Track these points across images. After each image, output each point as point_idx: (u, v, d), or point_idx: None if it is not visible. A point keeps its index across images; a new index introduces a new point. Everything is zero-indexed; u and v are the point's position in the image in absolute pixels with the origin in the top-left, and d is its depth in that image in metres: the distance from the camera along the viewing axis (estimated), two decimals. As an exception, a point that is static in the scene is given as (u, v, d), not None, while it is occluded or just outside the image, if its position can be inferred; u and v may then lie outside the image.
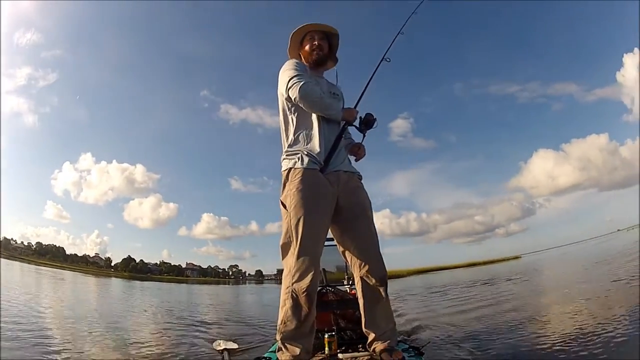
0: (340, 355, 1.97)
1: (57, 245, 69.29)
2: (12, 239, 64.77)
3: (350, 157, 1.93)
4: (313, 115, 1.78)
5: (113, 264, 67.80)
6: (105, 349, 3.53)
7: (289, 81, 1.74)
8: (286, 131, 1.84)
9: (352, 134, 1.99)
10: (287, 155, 1.78)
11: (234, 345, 3.32)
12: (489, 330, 3.70)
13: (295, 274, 1.59)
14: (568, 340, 2.82)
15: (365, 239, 1.74)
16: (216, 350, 3.23)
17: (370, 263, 1.70)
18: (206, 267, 74.48)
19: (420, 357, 1.87)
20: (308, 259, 1.59)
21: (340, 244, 1.81)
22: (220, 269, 74.89)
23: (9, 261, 36.89)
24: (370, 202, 1.84)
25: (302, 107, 1.77)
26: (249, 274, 73.84)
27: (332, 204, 1.72)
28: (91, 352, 3.34)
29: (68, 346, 3.45)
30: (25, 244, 66.02)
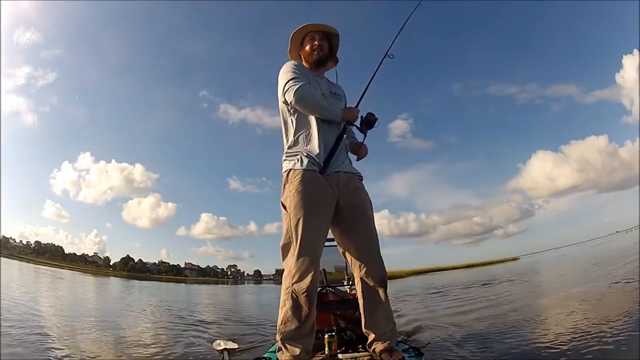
0: (340, 355, 1.97)
1: (55, 245, 69.22)
2: (11, 237, 64.67)
3: (353, 156, 1.94)
4: (312, 117, 1.79)
5: (112, 263, 67.78)
6: (103, 348, 3.52)
7: (285, 85, 1.75)
8: (286, 133, 1.85)
9: (356, 132, 1.99)
10: (287, 156, 1.79)
11: (234, 345, 3.32)
12: (489, 330, 3.70)
13: (295, 274, 1.59)
14: (567, 340, 2.82)
15: (365, 240, 1.74)
16: (216, 350, 3.24)
17: (370, 264, 1.71)
18: (205, 266, 74.48)
19: (420, 358, 1.87)
20: (308, 259, 1.60)
21: (340, 244, 1.82)
22: (218, 268, 74.96)
23: (8, 260, 36.76)
24: (371, 202, 1.84)
25: (300, 110, 1.78)
26: (248, 274, 73.89)
27: (332, 204, 1.72)
28: (90, 351, 3.33)
29: (67, 345, 3.44)
30: (24, 242, 65.99)
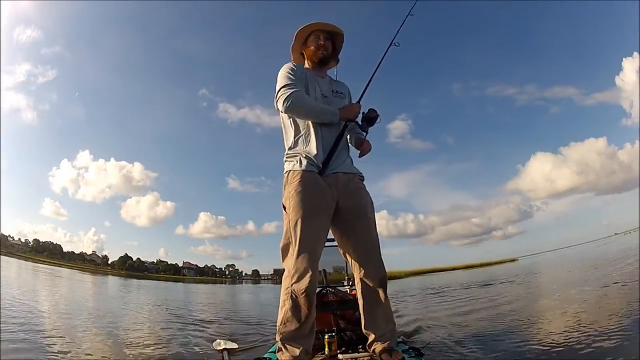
0: (340, 356, 1.98)
1: (54, 243, 69.05)
2: (9, 235, 64.48)
3: (355, 153, 1.93)
4: None
5: (110, 262, 67.47)
6: (103, 348, 3.52)
7: (277, 93, 1.76)
8: (286, 134, 1.86)
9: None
10: (287, 157, 1.80)
11: (234, 345, 3.33)
12: (488, 331, 3.71)
13: (294, 275, 1.60)
14: (566, 340, 2.83)
15: (365, 241, 1.74)
16: (216, 350, 3.24)
17: (370, 264, 1.72)
18: (203, 266, 74.23)
19: (420, 358, 1.87)
20: (306, 260, 1.60)
21: (340, 245, 1.82)
22: (217, 268, 74.73)
23: (6, 258, 36.67)
24: (372, 202, 1.84)
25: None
26: (246, 273, 73.74)
27: (331, 205, 1.72)
28: (89, 350, 3.33)
29: (66, 344, 3.44)
30: (23, 240, 65.82)
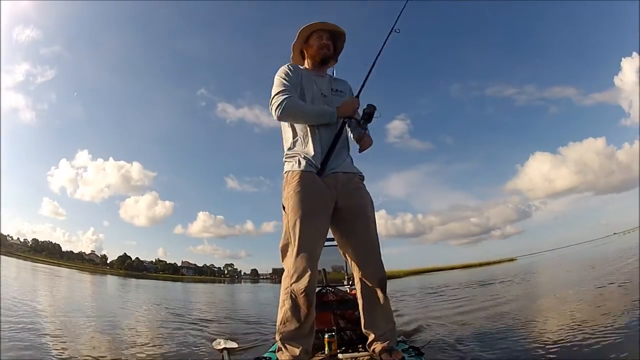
0: (340, 355, 1.98)
1: (53, 242, 69.03)
2: (8, 235, 64.36)
3: (356, 149, 1.93)
4: None
5: (109, 261, 67.58)
6: (102, 347, 3.51)
7: (271, 100, 1.76)
8: (285, 135, 1.87)
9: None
10: (286, 158, 1.80)
11: (234, 345, 3.33)
12: (488, 330, 3.72)
13: (293, 275, 1.60)
14: (566, 340, 2.84)
15: (364, 241, 1.74)
16: (216, 349, 3.24)
17: (370, 264, 1.72)
18: (202, 265, 74.45)
19: (420, 357, 1.87)
20: (306, 260, 1.60)
21: (340, 245, 1.82)
22: (215, 267, 74.88)
23: (5, 257, 36.57)
24: (372, 202, 1.83)
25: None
26: (245, 272, 73.87)
27: (330, 205, 1.72)
28: (88, 350, 3.33)
29: (64, 344, 3.44)
30: (22, 240, 65.69)
